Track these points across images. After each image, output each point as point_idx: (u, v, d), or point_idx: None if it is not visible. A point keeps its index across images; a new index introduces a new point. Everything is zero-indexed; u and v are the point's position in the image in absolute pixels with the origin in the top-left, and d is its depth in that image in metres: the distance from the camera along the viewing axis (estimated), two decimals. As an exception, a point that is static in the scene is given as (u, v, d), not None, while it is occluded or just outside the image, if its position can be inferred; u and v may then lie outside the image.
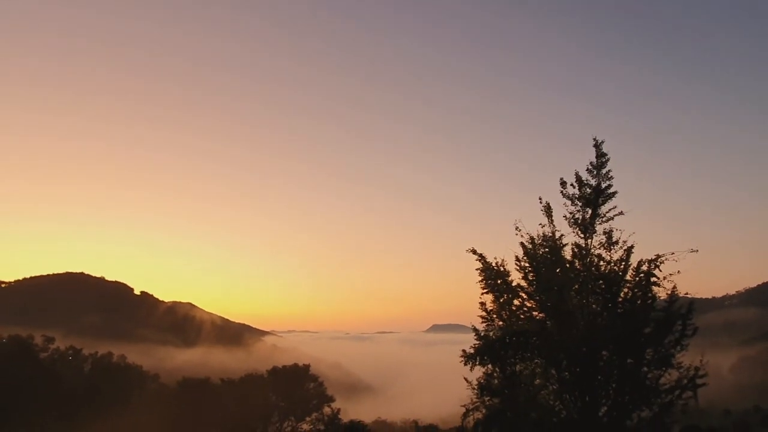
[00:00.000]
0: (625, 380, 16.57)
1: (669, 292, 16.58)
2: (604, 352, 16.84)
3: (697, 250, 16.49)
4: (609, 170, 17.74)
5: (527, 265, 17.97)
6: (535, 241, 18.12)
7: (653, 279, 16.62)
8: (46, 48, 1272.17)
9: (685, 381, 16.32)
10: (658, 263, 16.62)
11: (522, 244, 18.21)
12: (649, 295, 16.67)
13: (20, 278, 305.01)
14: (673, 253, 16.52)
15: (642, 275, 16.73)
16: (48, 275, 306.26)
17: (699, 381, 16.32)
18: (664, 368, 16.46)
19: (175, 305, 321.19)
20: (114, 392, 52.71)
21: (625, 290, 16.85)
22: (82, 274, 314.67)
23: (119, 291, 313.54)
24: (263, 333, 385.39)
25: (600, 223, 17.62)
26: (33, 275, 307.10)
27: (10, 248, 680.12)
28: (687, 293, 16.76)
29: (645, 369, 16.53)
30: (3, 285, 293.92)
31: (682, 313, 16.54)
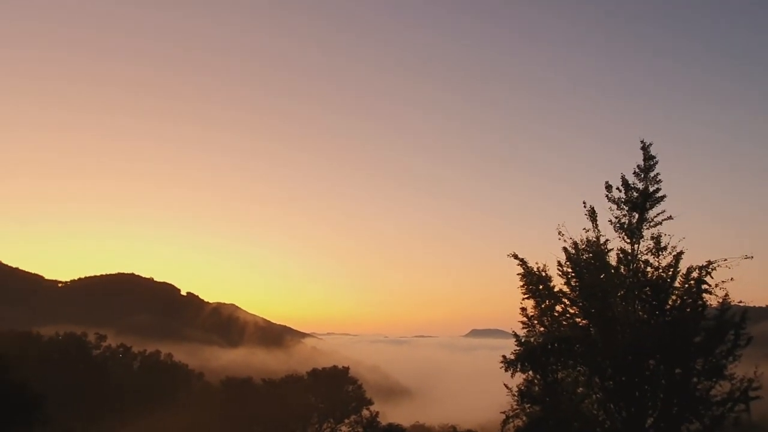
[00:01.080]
0: (674, 391, 16.02)
1: (721, 299, 15.96)
2: (650, 361, 16.34)
3: (752, 257, 15.83)
4: (657, 173, 17.27)
5: (570, 270, 17.65)
6: (579, 246, 17.78)
7: (704, 286, 16.05)
8: (98, 47, 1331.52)
9: (738, 393, 15.65)
10: (709, 270, 16.03)
11: (565, 248, 17.91)
12: (700, 302, 16.09)
13: (75, 278, 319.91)
14: (725, 260, 15.92)
15: (692, 282, 16.18)
16: (101, 275, 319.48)
17: (752, 393, 15.61)
18: (715, 379, 15.84)
19: (220, 306, 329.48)
20: (161, 389, 54.58)
21: (674, 297, 16.33)
22: (132, 274, 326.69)
23: (167, 292, 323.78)
24: (303, 335, 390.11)
25: (647, 228, 17.14)
26: (87, 275, 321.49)
27: (67, 249, 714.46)
28: (740, 301, 16.10)
29: (695, 380, 15.96)
30: (60, 285, 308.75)
31: (735, 321, 15.88)
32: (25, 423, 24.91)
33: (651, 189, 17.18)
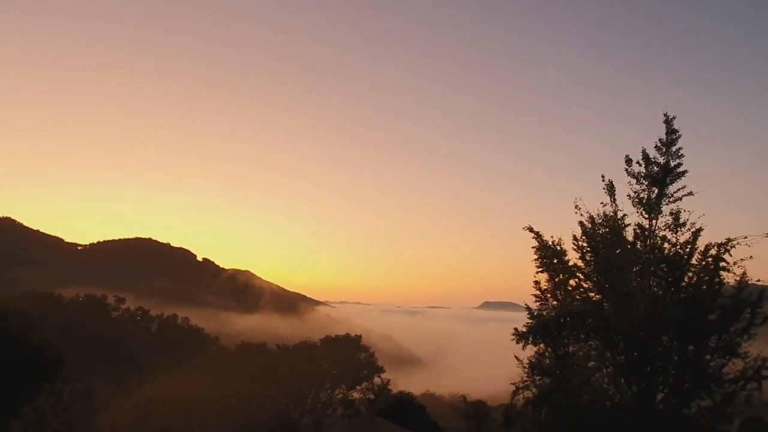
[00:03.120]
0: (686, 368, 15.99)
1: (738, 278, 15.75)
2: (664, 338, 16.28)
3: (772, 235, 15.52)
4: (680, 147, 16.88)
5: (585, 244, 17.53)
6: (595, 221, 17.61)
7: (722, 264, 15.83)
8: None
9: (751, 372, 15.57)
10: (728, 247, 15.79)
11: (581, 222, 17.75)
12: (717, 280, 15.91)
13: (95, 242, 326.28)
14: (746, 237, 15.66)
15: (710, 259, 15.96)
16: (119, 240, 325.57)
17: (765, 372, 15.53)
18: (728, 357, 15.76)
19: (236, 273, 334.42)
20: (178, 352, 55.91)
21: (690, 274, 16.15)
22: (149, 239, 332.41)
23: (183, 257, 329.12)
24: (317, 303, 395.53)
25: (666, 204, 16.87)
26: (106, 239, 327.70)
27: (86, 213, 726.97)
28: (759, 280, 15.86)
29: (708, 357, 15.90)
30: (79, 248, 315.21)
31: (752, 300, 15.68)
32: (48, 381, 25.77)
33: (672, 163, 16.83)
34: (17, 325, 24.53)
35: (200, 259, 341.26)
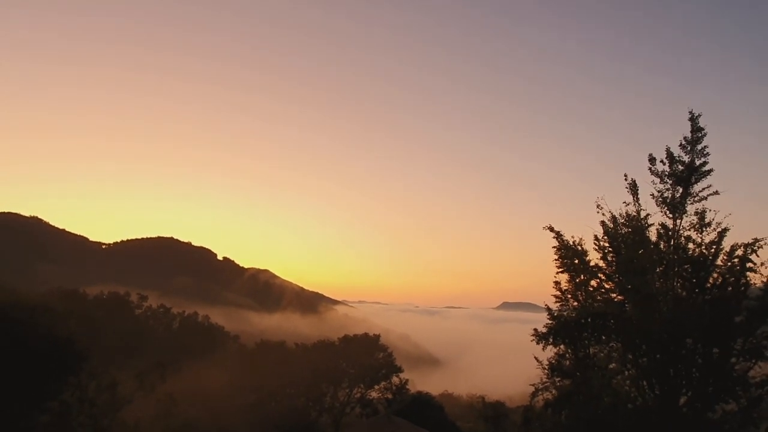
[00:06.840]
0: (710, 371, 15.69)
1: (765, 279, 15.42)
2: (688, 340, 15.99)
3: (802, 236, 15.14)
4: (705, 146, 16.56)
5: (607, 245, 17.29)
6: (618, 220, 17.37)
7: (749, 264, 15.49)
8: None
9: (779, 375, 15.24)
10: (755, 248, 15.45)
11: (603, 222, 17.51)
12: (743, 281, 15.58)
13: (118, 240, 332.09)
14: (773, 237, 15.30)
15: (736, 260, 15.63)
16: (142, 239, 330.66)
17: (794, 376, 15.17)
18: (754, 360, 15.44)
19: (256, 272, 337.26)
20: (199, 349, 56.68)
21: (715, 275, 15.83)
22: (171, 238, 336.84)
23: (204, 256, 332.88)
24: (335, 302, 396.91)
25: (691, 203, 16.58)
26: (129, 238, 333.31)
27: (111, 213, 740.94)
28: (787, 281, 15.50)
29: (733, 360, 15.58)
30: (104, 246, 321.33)
31: (780, 302, 15.32)
32: (74, 375, 26.39)
33: (698, 162, 16.52)
34: (44, 321, 25.17)
35: (221, 258, 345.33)
